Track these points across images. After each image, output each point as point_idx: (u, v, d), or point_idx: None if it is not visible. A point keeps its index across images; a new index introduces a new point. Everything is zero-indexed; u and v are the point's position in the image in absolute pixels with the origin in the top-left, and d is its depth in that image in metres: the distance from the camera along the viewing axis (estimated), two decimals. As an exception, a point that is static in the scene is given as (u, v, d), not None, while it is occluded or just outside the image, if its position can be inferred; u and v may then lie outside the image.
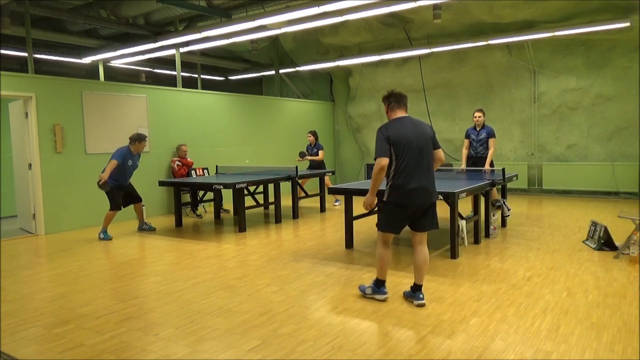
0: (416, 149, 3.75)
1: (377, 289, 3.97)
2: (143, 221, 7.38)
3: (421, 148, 3.78)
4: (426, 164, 3.81)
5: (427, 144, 3.83)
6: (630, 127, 9.44)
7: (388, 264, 3.96)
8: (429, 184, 3.81)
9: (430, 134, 3.89)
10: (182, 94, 9.50)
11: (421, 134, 3.82)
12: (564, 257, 5.17)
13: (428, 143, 3.84)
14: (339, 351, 3.02)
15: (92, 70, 12.20)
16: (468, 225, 5.96)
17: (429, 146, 3.85)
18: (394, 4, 6.96)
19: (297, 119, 12.21)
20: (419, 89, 11.71)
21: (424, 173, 3.79)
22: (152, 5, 8.64)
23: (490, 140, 7.02)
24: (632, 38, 8.92)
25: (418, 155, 3.76)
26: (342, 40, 11.26)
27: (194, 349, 3.11)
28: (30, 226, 7.46)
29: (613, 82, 9.51)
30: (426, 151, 3.81)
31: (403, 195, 3.75)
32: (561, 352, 2.92)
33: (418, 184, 3.74)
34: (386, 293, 3.96)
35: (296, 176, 8.07)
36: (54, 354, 3.10)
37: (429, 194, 3.80)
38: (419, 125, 3.89)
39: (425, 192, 3.78)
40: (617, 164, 9.59)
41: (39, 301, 4.18)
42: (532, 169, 10.56)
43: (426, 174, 3.80)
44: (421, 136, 3.81)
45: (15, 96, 7.17)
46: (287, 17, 7.27)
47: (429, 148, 3.84)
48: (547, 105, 10.25)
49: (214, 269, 5.08)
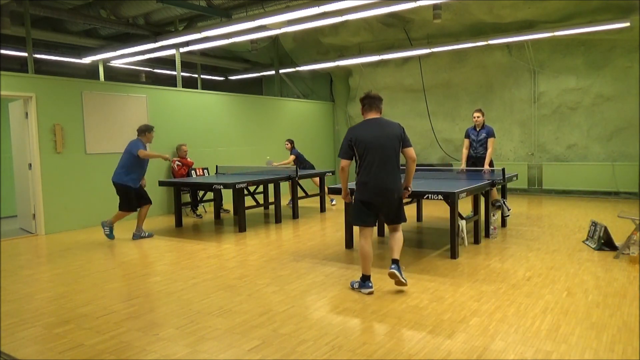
0: (378, 148, 3.96)
1: (362, 283, 4.16)
2: (141, 228, 6.81)
3: (383, 148, 3.97)
4: (389, 162, 4.00)
5: (391, 144, 4.01)
6: (630, 127, 9.44)
7: (369, 258, 4.12)
8: (390, 181, 4.01)
9: (396, 134, 4.04)
10: (182, 94, 9.50)
11: (386, 134, 4.01)
12: (564, 257, 5.17)
13: (392, 143, 4.02)
14: (339, 351, 3.02)
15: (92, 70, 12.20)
16: (468, 225, 5.96)
17: (393, 146, 4.02)
18: (394, 4, 6.96)
19: (297, 119, 12.21)
20: (419, 89, 11.71)
21: (386, 171, 3.98)
22: (152, 5, 8.64)
23: (489, 140, 7.00)
24: (632, 38, 8.92)
25: (380, 154, 3.96)
26: (342, 40, 11.26)
27: (194, 349, 3.11)
28: (30, 226, 7.46)
29: (613, 82, 9.51)
30: (389, 150, 4.00)
31: (365, 192, 4.04)
32: (561, 352, 2.92)
33: (379, 181, 3.98)
34: (371, 287, 4.12)
35: (296, 176, 8.07)
36: (54, 354, 3.10)
37: (390, 191, 4.03)
38: (385, 126, 4.07)
39: (386, 189, 4.01)
40: (617, 164, 9.59)
41: (39, 301, 4.18)
42: (532, 169, 10.56)
43: (388, 171, 3.99)
44: (384, 136, 4.00)
45: (15, 96, 7.17)
46: (287, 17, 7.27)
47: (393, 147, 4.02)
48: (547, 105, 10.25)
49: (214, 269, 5.08)
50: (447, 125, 11.51)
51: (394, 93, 12.23)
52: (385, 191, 4.02)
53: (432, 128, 11.71)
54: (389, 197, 4.05)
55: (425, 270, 4.78)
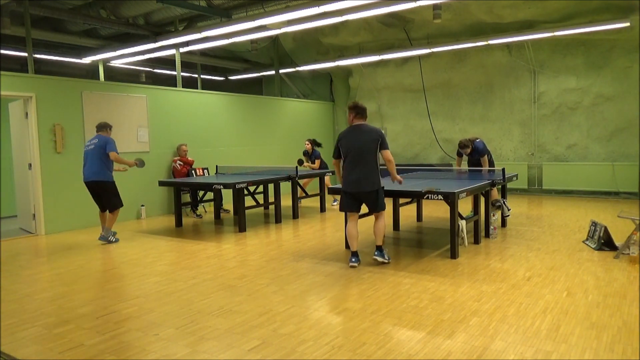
0: (357, 150, 4.85)
1: (350, 258, 5.04)
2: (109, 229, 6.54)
3: (362, 149, 4.84)
4: (364, 161, 4.84)
5: (367, 147, 4.83)
6: (630, 127, 9.44)
7: (353, 237, 5.04)
8: (364, 176, 4.85)
9: (374, 139, 4.86)
10: (182, 94, 9.50)
11: (364, 139, 4.86)
12: (564, 257, 5.17)
13: (369, 146, 4.84)
14: (339, 351, 3.02)
15: (92, 70, 12.21)
16: (468, 225, 5.97)
17: (369, 148, 4.84)
18: (394, 4, 6.96)
19: (297, 119, 12.21)
20: (419, 89, 11.71)
21: (361, 170, 4.86)
22: (152, 5, 8.64)
23: (482, 160, 7.08)
24: (632, 38, 8.92)
25: (358, 154, 4.85)
26: (342, 40, 11.26)
27: (194, 349, 3.11)
28: (30, 226, 7.46)
29: (613, 82, 9.51)
30: (366, 152, 4.83)
31: (346, 185, 4.98)
32: (561, 352, 2.92)
33: (355, 177, 4.88)
34: (354, 262, 4.97)
35: (296, 176, 8.07)
36: (54, 354, 3.10)
37: (363, 185, 4.88)
38: (365, 131, 4.91)
39: (359, 184, 4.89)
40: (617, 164, 9.59)
41: (39, 301, 4.18)
42: (532, 169, 10.56)
43: (363, 168, 4.85)
44: (363, 140, 4.85)
45: (15, 96, 7.17)
46: (287, 17, 7.27)
47: (369, 150, 4.84)
48: (547, 105, 10.25)
49: (214, 269, 5.08)
50: (447, 125, 11.51)
51: (394, 93, 12.24)
52: (361, 184, 4.87)
53: (432, 128, 11.71)
54: (366, 189, 4.89)
55: (425, 270, 4.78)
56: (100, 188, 6.39)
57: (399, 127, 12.24)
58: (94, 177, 6.32)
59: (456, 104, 11.36)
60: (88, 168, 6.37)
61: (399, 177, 5.18)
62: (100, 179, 6.33)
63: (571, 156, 10.16)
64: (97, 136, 6.46)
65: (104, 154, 6.32)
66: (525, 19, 9.25)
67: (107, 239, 6.50)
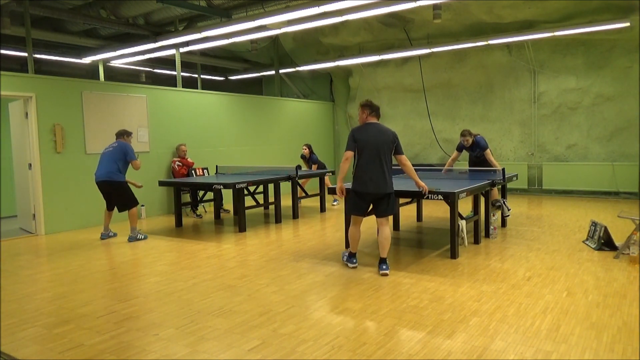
0: (374, 149, 4.61)
1: (349, 258, 4.98)
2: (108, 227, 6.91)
3: (378, 149, 4.61)
4: (380, 161, 4.62)
5: (384, 147, 4.63)
6: (630, 127, 9.44)
7: (356, 240, 4.92)
8: (380, 178, 4.62)
9: (390, 140, 4.68)
10: (182, 94, 9.50)
11: (381, 139, 4.64)
12: (564, 257, 5.17)
13: (385, 146, 4.64)
14: (339, 351, 3.02)
15: (92, 70, 12.21)
16: (468, 225, 5.97)
17: (385, 149, 4.64)
18: (394, 4, 6.96)
19: (297, 119, 12.21)
20: (419, 89, 11.71)
21: (378, 169, 4.62)
22: (152, 5, 8.64)
23: (485, 154, 7.03)
24: (632, 38, 8.92)
25: (374, 154, 4.61)
26: (342, 40, 11.26)
27: (194, 349, 3.11)
28: (30, 226, 7.46)
29: (613, 82, 9.51)
30: (383, 152, 4.63)
31: (360, 185, 4.69)
32: (561, 352, 2.92)
33: (371, 176, 4.62)
34: (355, 263, 4.92)
35: (296, 176, 8.07)
36: (54, 354, 3.10)
37: (379, 186, 4.63)
38: (382, 131, 4.70)
39: (376, 184, 4.63)
40: (617, 164, 9.59)
41: (39, 301, 4.18)
42: (532, 169, 10.56)
43: (379, 169, 4.62)
44: (380, 140, 4.63)
45: (15, 96, 7.17)
46: (287, 17, 7.27)
47: (385, 150, 4.64)
48: (547, 105, 10.25)
49: (214, 269, 5.08)
50: (447, 125, 11.51)
51: (394, 93, 12.24)
52: (377, 185, 4.62)
53: (432, 128, 11.71)
54: (380, 191, 4.64)
55: (425, 270, 4.78)
56: (111, 187, 6.60)
57: (399, 127, 12.22)
58: (105, 177, 6.54)
59: (456, 104, 11.36)
60: (101, 168, 6.58)
61: (423, 182, 4.96)
62: (112, 179, 6.54)
63: (571, 156, 10.16)
64: (117, 142, 6.74)
65: (121, 159, 6.58)
66: (525, 19, 9.25)
67: (135, 237, 6.70)
